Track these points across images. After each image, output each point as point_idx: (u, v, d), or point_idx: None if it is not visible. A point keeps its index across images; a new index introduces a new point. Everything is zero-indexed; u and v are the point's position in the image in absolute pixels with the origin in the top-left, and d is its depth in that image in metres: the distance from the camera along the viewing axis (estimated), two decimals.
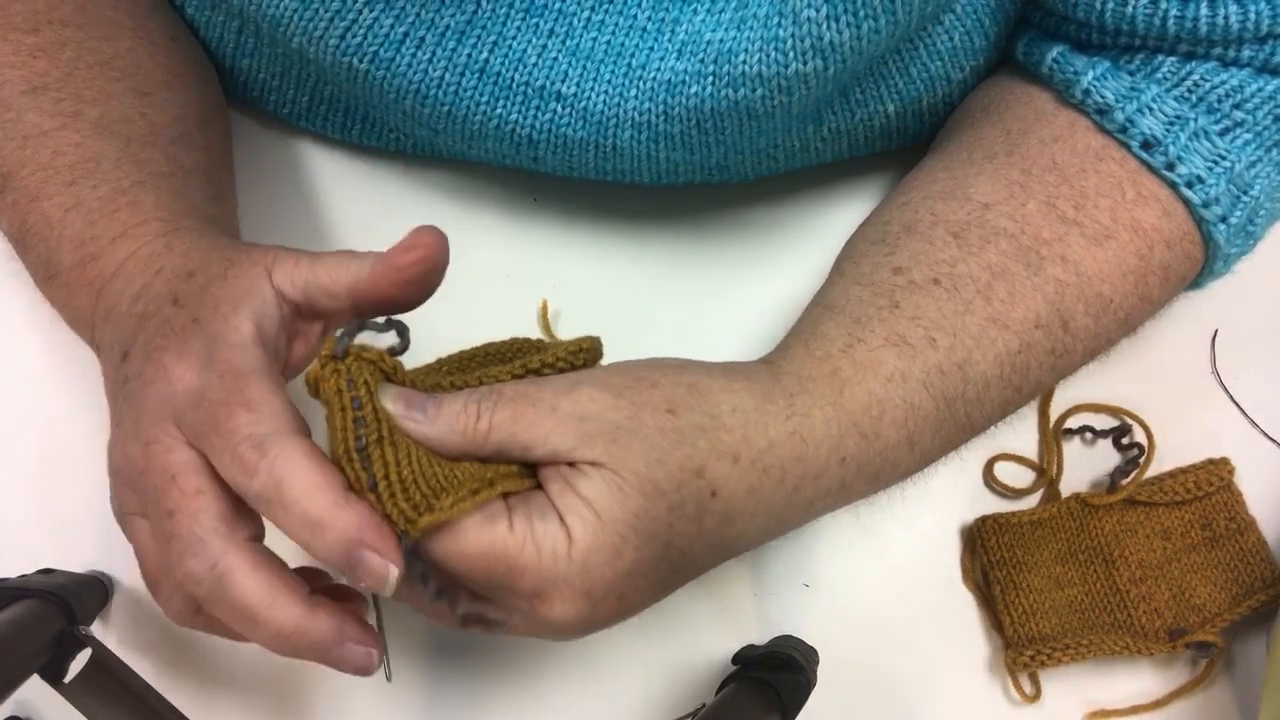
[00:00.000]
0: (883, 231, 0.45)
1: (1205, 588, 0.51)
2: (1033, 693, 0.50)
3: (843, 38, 0.40)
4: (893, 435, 0.40)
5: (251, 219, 0.52)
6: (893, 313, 0.41)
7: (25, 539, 0.51)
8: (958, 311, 0.41)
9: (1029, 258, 0.43)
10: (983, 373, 0.42)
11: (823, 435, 0.39)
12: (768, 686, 0.44)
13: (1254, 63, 0.43)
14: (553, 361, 0.39)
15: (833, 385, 0.40)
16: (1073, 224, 0.43)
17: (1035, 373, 0.43)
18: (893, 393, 0.40)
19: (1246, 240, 0.46)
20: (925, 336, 0.41)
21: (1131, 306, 0.45)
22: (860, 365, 0.40)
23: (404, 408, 0.35)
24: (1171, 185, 0.44)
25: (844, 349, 0.41)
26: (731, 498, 0.37)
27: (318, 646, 0.34)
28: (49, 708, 0.49)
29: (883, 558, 0.52)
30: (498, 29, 0.45)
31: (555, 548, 0.34)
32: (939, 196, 0.45)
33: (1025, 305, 0.42)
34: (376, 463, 0.34)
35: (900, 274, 0.43)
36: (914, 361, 0.40)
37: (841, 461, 0.39)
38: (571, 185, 0.54)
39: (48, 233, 0.42)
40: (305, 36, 0.45)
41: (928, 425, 0.41)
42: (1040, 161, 0.45)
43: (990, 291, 0.42)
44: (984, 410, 0.43)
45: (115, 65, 0.46)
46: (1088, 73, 0.45)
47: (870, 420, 0.40)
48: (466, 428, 0.35)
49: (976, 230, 0.43)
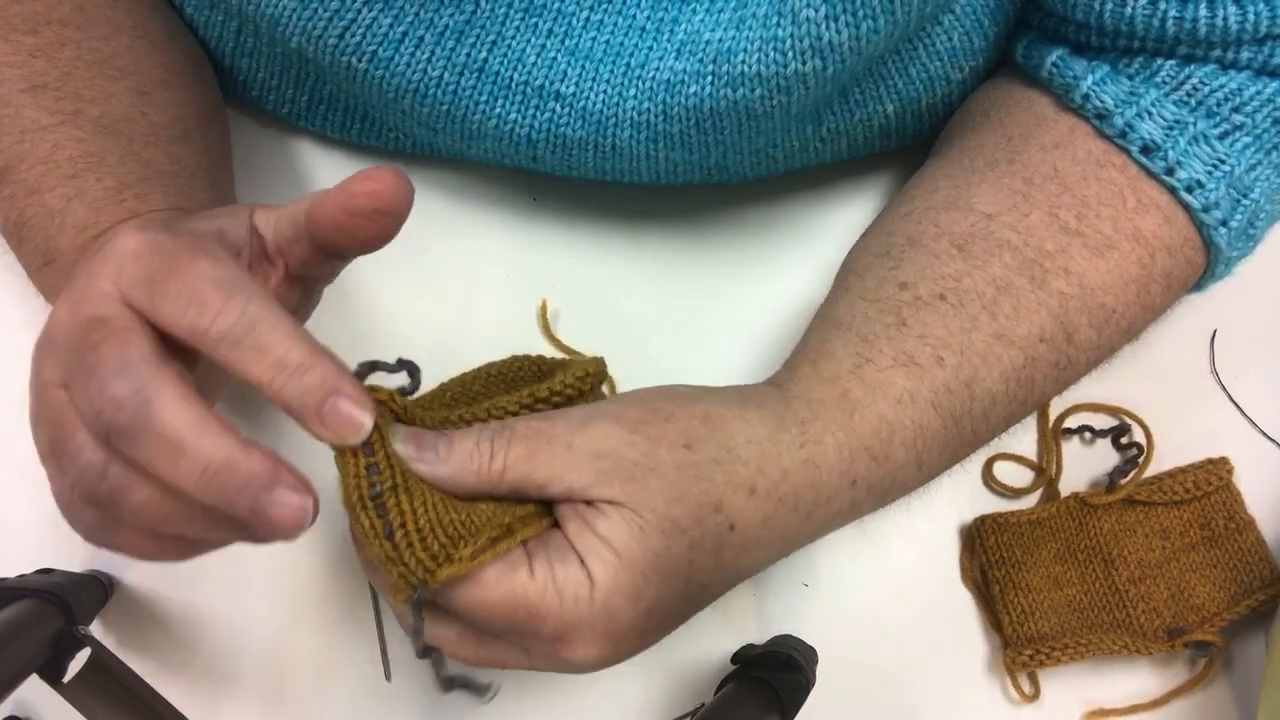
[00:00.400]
0: (887, 244, 0.45)
1: (1204, 587, 0.51)
2: (1032, 692, 0.50)
3: (842, 38, 0.40)
4: (901, 456, 0.40)
5: None
6: (900, 331, 0.41)
7: (25, 539, 0.51)
8: (964, 328, 0.41)
9: (1033, 271, 0.43)
10: (989, 389, 0.42)
11: (835, 460, 0.39)
12: (767, 686, 0.44)
13: (1253, 65, 0.43)
14: (561, 389, 0.38)
15: (843, 409, 0.40)
16: (1075, 235, 0.43)
17: (1040, 386, 0.44)
18: (902, 414, 0.40)
19: (1247, 243, 0.46)
20: (933, 355, 0.41)
21: (1134, 316, 0.45)
22: (869, 387, 0.40)
23: (415, 449, 0.34)
24: (1171, 190, 0.44)
25: (852, 370, 0.41)
26: (748, 529, 0.37)
27: (248, 486, 0.31)
28: (48, 708, 0.49)
29: (882, 557, 0.52)
30: (497, 28, 0.45)
31: (577, 591, 0.34)
32: (942, 207, 0.45)
33: (1030, 320, 0.42)
34: (392, 511, 0.33)
35: (906, 289, 0.43)
36: (922, 382, 0.40)
37: (852, 484, 0.39)
38: (571, 185, 0.54)
39: (47, 222, 0.41)
40: (304, 36, 0.45)
41: (935, 444, 0.41)
42: (1042, 170, 0.45)
43: (996, 307, 0.42)
44: (989, 425, 0.43)
45: (114, 64, 0.46)
46: (1087, 77, 0.45)
47: (880, 443, 0.40)
48: (480, 468, 0.35)
49: (981, 243, 0.43)
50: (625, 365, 0.52)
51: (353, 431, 0.32)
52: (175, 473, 0.31)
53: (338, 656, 0.50)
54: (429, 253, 0.55)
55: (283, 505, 0.31)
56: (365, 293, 0.54)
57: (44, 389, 0.33)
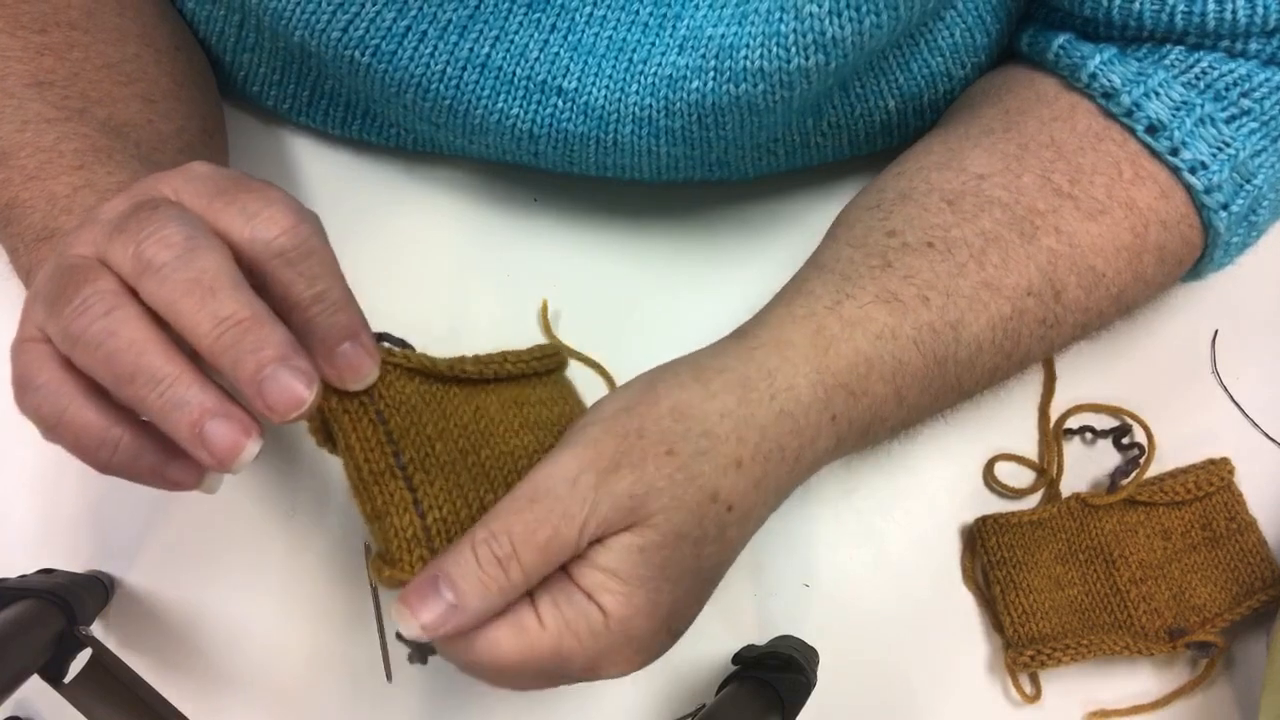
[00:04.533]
0: (877, 198, 0.45)
1: (1205, 588, 0.51)
2: (1033, 693, 0.50)
3: (845, 33, 0.40)
4: (880, 390, 0.40)
5: None
6: (885, 271, 0.41)
7: (25, 539, 0.51)
8: (951, 274, 0.41)
9: (1023, 226, 0.43)
10: (975, 335, 0.42)
11: (810, 400, 0.39)
12: (768, 686, 0.44)
13: (1261, 55, 0.44)
14: (526, 359, 0.39)
15: (816, 346, 0.39)
16: (1067, 197, 0.43)
17: (1026, 341, 0.43)
18: (881, 349, 0.40)
19: (1249, 231, 0.46)
20: (918, 295, 0.41)
21: (1125, 283, 0.45)
22: (848, 322, 0.40)
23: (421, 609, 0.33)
24: (1174, 170, 0.44)
25: (831, 306, 0.40)
26: (743, 501, 0.37)
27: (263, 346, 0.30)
28: (49, 708, 0.49)
29: (883, 558, 0.52)
30: (500, 24, 0.45)
31: (593, 626, 0.34)
32: (934, 167, 0.45)
33: (1018, 272, 0.42)
34: (421, 486, 0.34)
35: (894, 236, 0.43)
36: (905, 318, 0.40)
37: (832, 420, 0.39)
38: (572, 184, 0.54)
39: (48, 206, 0.40)
40: (307, 30, 0.45)
41: (916, 381, 0.41)
42: (1038, 138, 0.45)
43: (984, 257, 0.42)
44: (974, 374, 0.43)
45: (122, 70, 0.46)
46: (1094, 57, 0.45)
47: (858, 378, 0.39)
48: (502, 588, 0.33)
49: (971, 199, 0.43)
50: (625, 365, 0.52)
51: (355, 376, 0.33)
52: (197, 314, 0.30)
53: (338, 656, 0.50)
54: (429, 251, 0.55)
55: (284, 387, 0.30)
56: (365, 291, 0.54)
57: (73, 257, 0.32)
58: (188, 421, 0.30)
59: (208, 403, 0.30)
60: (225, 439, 0.30)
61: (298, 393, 0.30)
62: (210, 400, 0.30)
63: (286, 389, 0.30)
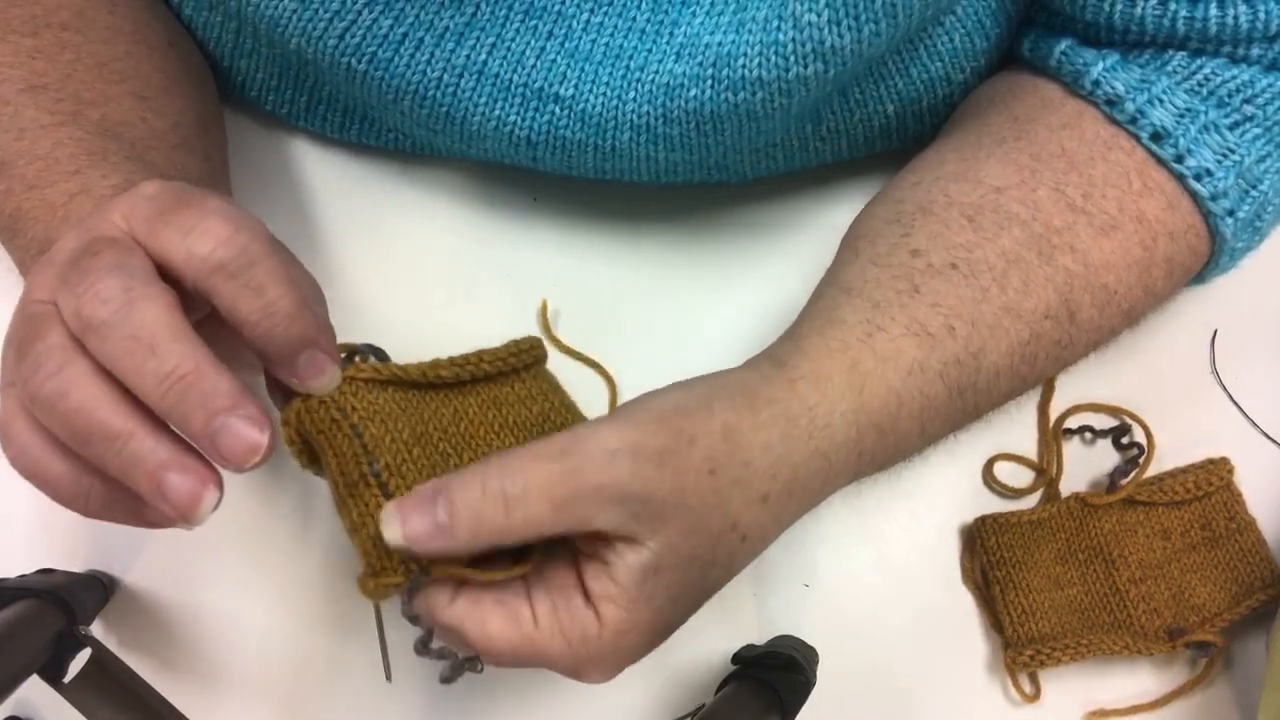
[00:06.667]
0: (896, 211, 0.45)
1: (1205, 587, 0.51)
2: (1032, 692, 0.50)
3: (843, 41, 0.40)
4: (907, 427, 0.40)
5: None
6: (913, 298, 0.41)
7: (25, 539, 0.51)
8: (975, 299, 0.41)
9: (1041, 246, 0.43)
10: (994, 363, 0.42)
11: (843, 440, 0.39)
12: (767, 686, 0.44)
13: (1263, 61, 0.43)
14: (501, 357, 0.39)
15: (852, 382, 0.39)
16: (1081, 212, 0.43)
17: (1041, 363, 0.43)
18: (911, 385, 0.40)
19: (1253, 236, 0.46)
20: (945, 325, 0.41)
21: (1135, 298, 0.45)
22: (881, 358, 0.40)
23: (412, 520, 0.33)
24: (1180, 177, 0.44)
25: (863, 338, 0.40)
26: (759, 532, 0.37)
27: (208, 404, 0.30)
28: (49, 708, 0.49)
29: (883, 558, 0.52)
30: (496, 31, 0.45)
31: (584, 632, 0.34)
32: (950, 178, 0.45)
33: (1037, 295, 0.42)
34: (398, 492, 0.33)
35: (918, 256, 0.42)
36: (933, 353, 0.40)
37: (859, 457, 0.39)
38: (571, 185, 0.54)
39: (48, 215, 0.40)
40: (304, 37, 0.45)
41: (939, 415, 0.41)
42: (1049, 147, 0.45)
43: (1005, 280, 0.42)
44: (990, 399, 0.43)
45: (114, 68, 0.46)
46: (1097, 64, 0.44)
47: (888, 417, 0.40)
48: (498, 528, 0.33)
49: (991, 214, 0.43)
50: (625, 365, 0.52)
51: (318, 380, 0.33)
52: (140, 372, 0.30)
53: (338, 656, 0.50)
54: (429, 252, 0.55)
55: (236, 435, 0.30)
56: (363, 292, 0.54)
57: (31, 304, 0.32)
58: (145, 475, 0.31)
59: (163, 456, 0.31)
60: (183, 491, 0.30)
61: (251, 439, 0.30)
62: (164, 453, 0.31)
63: (239, 438, 0.30)
